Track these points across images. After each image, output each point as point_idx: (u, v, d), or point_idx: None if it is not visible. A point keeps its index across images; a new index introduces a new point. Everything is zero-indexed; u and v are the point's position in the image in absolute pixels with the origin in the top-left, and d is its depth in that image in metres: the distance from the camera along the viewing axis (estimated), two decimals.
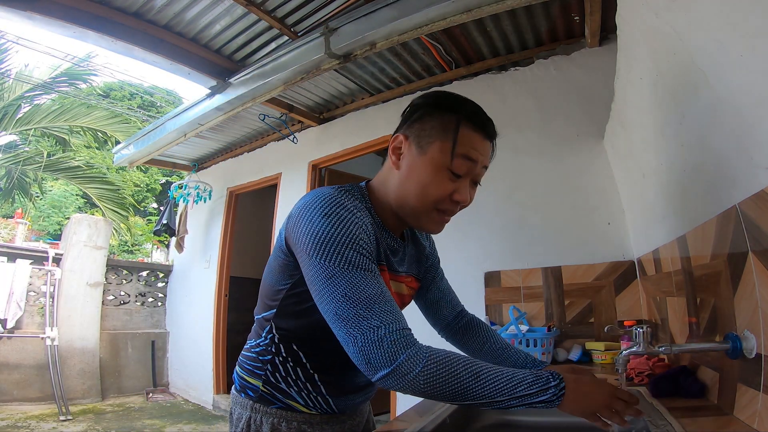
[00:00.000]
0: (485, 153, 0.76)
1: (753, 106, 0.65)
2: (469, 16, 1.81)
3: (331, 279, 0.64)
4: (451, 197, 0.74)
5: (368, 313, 0.62)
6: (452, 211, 0.77)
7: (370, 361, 0.60)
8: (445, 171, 0.73)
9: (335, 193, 0.71)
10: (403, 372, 0.59)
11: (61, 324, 3.94)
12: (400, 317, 0.64)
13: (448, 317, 1.02)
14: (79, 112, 6.06)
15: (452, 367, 0.60)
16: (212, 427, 3.44)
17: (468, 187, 0.76)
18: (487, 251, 2.31)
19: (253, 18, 2.27)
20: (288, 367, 0.79)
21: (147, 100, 13.50)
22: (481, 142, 0.75)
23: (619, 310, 1.86)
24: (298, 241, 0.69)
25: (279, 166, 3.71)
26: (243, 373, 0.83)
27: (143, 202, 12.76)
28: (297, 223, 0.70)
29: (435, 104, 0.76)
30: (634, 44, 1.17)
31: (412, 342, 0.62)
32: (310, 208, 0.69)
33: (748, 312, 0.72)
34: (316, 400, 0.79)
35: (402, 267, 0.86)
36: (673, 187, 1.13)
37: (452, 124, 0.73)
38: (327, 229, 0.66)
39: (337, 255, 0.64)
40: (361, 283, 0.63)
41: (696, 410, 0.88)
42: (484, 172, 0.78)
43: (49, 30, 2.07)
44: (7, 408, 3.50)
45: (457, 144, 0.72)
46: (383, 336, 0.60)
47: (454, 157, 0.72)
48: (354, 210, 0.69)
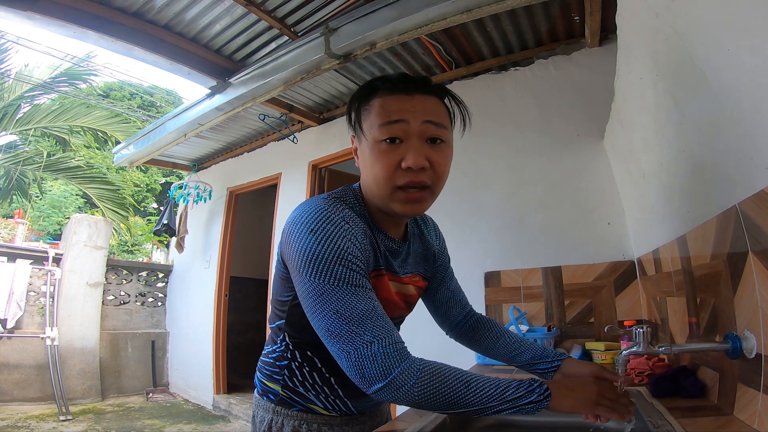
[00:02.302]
0: (413, 108, 0.71)
1: (753, 106, 0.65)
2: (469, 16, 1.81)
3: (322, 296, 0.64)
4: (401, 167, 0.70)
5: (360, 329, 0.62)
6: (415, 183, 0.70)
7: (364, 375, 0.61)
8: (378, 144, 0.71)
9: (323, 205, 0.70)
10: (398, 385, 0.60)
11: (61, 324, 3.94)
12: (393, 332, 0.64)
13: (457, 317, 1.01)
14: (79, 112, 6.07)
15: (444, 378, 0.62)
16: (212, 427, 3.44)
17: (415, 150, 0.69)
18: (487, 251, 2.31)
19: (253, 18, 2.27)
20: (304, 372, 0.80)
21: (147, 100, 13.49)
22: (401, 100, 0.71)
23: (619, 310, 1.86)
24: (289, 258, 0.70)
25: (279, 166, 3.71)
26: (263, 377, 0.84)
27: (143, 202, 12.76)
28: (288, 239, 0.70)
29: (357, 96, 0.76)
30: (634, 44, 1.17)
31: (405, 355, 0.63)
32: (299, 224, 0.69)
33: (748, 312, 0.72)
34: (335, 402, 0.80)
35: (406, 268, 0.85)
36: (673, 187, 1.13)
37: (370, 101, 0.73)
38: (314, 246, 0.65)
39: (327, 272, 0.64)
40: (352, 300, 0.64)
41: (696, 410, 0.88)
42: (435, 128, 0.72)
43: (49, 30, 2.07)
44: (7, 408, 3.50)
45: (377, 114, 0.71)
46: (376, 351, 0.61)
47: (379, 128, 0.71)
48: (342, 222, 0.68)
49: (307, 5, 2.20)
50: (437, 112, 0.73)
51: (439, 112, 0.73)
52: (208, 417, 3.71)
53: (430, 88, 0.74)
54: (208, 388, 3.99)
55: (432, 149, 0.71)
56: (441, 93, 0.76)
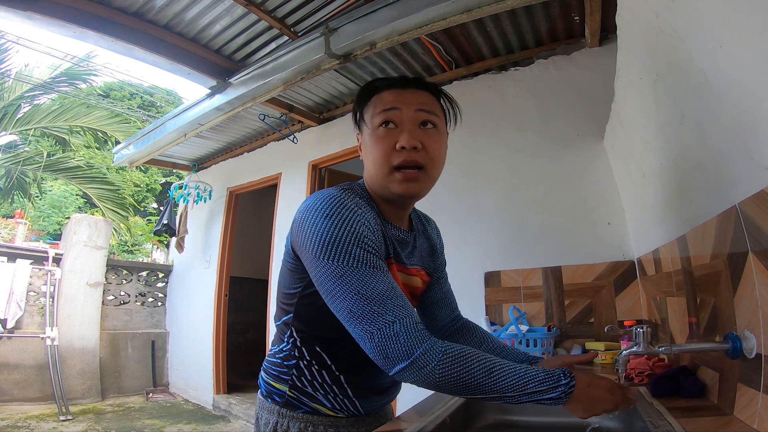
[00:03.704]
0: (406, 98, 0.78)
1: (753, 106, 0.65)
2: (469, 16, 1.81)
3: (342, 278, 0.65)
4: (395, 148, 0.76)
5: (382, 308, 0.63)
6: (409, 162, 0.75)
7: (387, 355, 0.62)
8: (376, 130, 0.78)
9: (336, 192, 0.72)
10: (420, 365, 0.61)
11: (61, 324, 3.94)
12: (413, 311, 0.65)
13: (444, 319, 1.02)
14: (79, 112, 6.07)
15: (466, 362, 0.62)
16: (212, 427, 3.44)
17: (408, 132, 0.75)
18: (487, 251, 2.31)
19: (253, 18, 2.27)
20: (313, 371, 0.79)
21: (147, 100, 13.48)
22: (395, 93, 0.78)
23: (619, 310, 1.86)
24: (303, 245, 0.70)
25: (279, 166, 3.71)
26: (269, 378, 0.83)
27: (143, 202, 12.75)
28: (301, 227, 0.71)
29: (359, 96, 0.83)
30: (634, 44, 1.17)
31: (427, 336, 0.63)
32: (312, 210, 0.70)
33: (748, 312, 0.72)
34: (343, 402, 0.80)
35: (412, 259, 0.87)
36: (673, 187, 1.13)
37: (371, 98, 0.81)
38: (331, 230, 0.67)
39: (345, 254, 0.66)
40: (371, 280, 0.65)
41: (696, 410, 0.88)
42: (427, 114, 0.78)
43: (49, 30, 2.07)
44: (7, 408, 3.50)
45: (375, 106, 0.79)
46: (399, 331, 0.62)
47: (377, 115, 0.78)
48: (355, 208, 0.70)
49: (307, 5, 2.20)
50: (428, 102, 0.80)
51: (430, 102, 0.80)
52: (208, 417, 3.71)
53: (424, 84, 0.82)
54: (208, 388, 3.99)
55: (424, 133, 0.77)
56: (434, 90, 0.83)
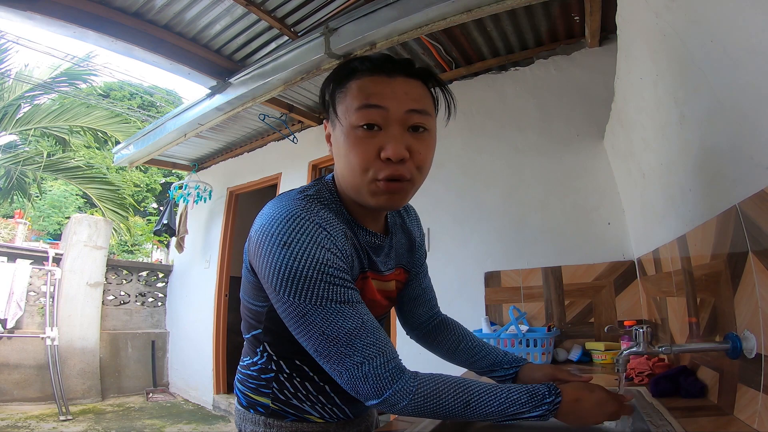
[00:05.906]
0: (394, 93, 0.63)
1: (753, 106, 0.65)
2: (469, 16, 1.81)
3: (305, 317, 0.59)
4: (379, 157, 0.63)
5: (349, 349, 0.59)
6: (394, 175, 0.63)
7: (358, 393, 0.60)
8: (354, 131, 0.63)
9: (295, 210, 0.62)
10: (392, 404, 0.60)
11: (61, 324, 3.94)
12: (385, 348, 0.61)
13: (422, 317, 0.96)
14: (79, 112, 6.07)
15: (440, 398, 0.60)
16: (212, 427, 3.44)
17: (395, 140, 0.62)
18: (487, 251, 2.31)
19: (253, 18, 2.27)
20: (295, 383, 0.73)
21: (147, 100, 13.48)
22: (381, 82, 0.64)
23: (619, 310, 1.86)
24: (261, 273, 0.63)
25: (279, 166, 3.71)
26: (247, 391, 0.76)
27: (143, 202, 12.76)
28: (257, 251, 0.63)
29: (333, 77, 0.68)
30: (634, 44, 1.17)
31: (397, 376, 0.60)
32: (269, 236, 0.61)
33: (748, 312, 0.72)
34: (332, 410, 0.75)
35: (388, 264, 0.80)
36: (673, 187, 1.13)
37: (348, 82, 0.66)
38: (289, 262, 0.59)
39: (307, 291, 0.59)
40: (337, 318, 0.59)
41: (696, 410, 0.88)
42: (419, 116, 0.65)
43: (49, 30, 2.07)
44: (7, 408, 3.50)
45: (354, 97, 0.64)
46: (367, 372, 0.59)
47: (356, 112, 0.63)
48: (317, 230, 0.61)
49: (307, 5, 2.20)
50: (421, 98, 0.66)
51: (422, 98, 0.66)
52: (208, 417, 3.71)
53: (414, 70, 0.67)
54: (208, 388, 3.99)
55: (413, 138, 0.65)
56: (425, 76, 0.68)
